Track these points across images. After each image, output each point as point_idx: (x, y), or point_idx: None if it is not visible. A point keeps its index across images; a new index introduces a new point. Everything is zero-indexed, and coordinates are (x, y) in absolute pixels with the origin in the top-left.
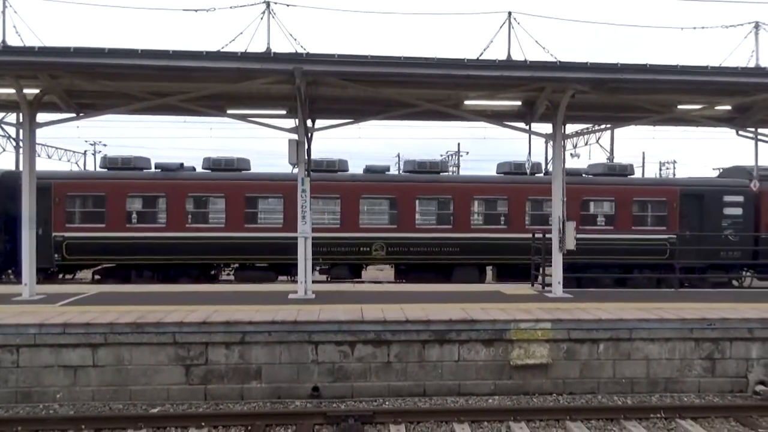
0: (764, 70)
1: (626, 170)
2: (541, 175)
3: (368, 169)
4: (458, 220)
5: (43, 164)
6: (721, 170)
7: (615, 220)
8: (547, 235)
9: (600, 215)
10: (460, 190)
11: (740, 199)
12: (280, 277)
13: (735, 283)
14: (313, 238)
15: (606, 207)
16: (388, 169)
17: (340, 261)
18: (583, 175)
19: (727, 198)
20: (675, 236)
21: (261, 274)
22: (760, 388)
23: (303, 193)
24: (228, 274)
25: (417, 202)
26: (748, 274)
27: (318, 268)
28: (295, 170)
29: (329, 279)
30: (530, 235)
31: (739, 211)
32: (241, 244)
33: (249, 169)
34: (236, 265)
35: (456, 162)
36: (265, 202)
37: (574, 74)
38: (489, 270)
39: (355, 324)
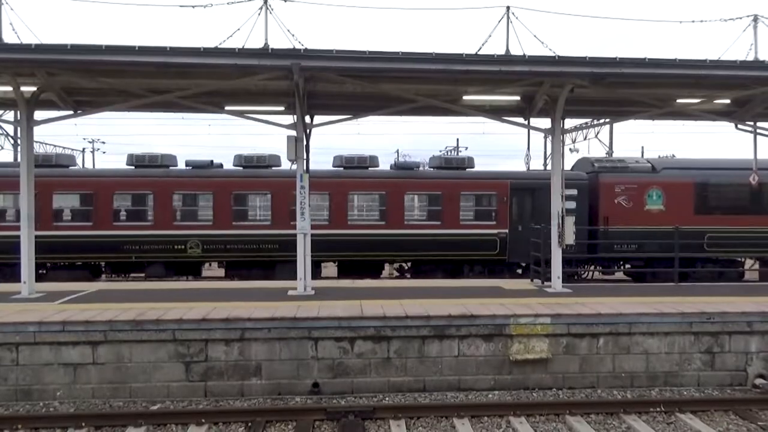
0: (763, 63)
1: (464, 163)
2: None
3: (188, 164)
4: (277, 216)
5: None
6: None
7: (442, 214)
8: (371, 232)
9: (424, 209)
10: (281, 186)
11: (573, 192)
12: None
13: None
14: (126, 237)
15: (433, 201)
16: (211, 164)
17: (155, 259)
18: (415, 168)
19: None
20: (506, 231)
21: (72, 273)
22: (759, 381)
23: (302, 189)
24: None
25: (232, 197)
26: (591, 268)
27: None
28: (102, 167)
29: (146, 278)
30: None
31: (572, 204)
32: (47, 243)
33: (74, 166)
34: (49, 265)
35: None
36: (73, 199)
37: (572, 69)
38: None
39: (355, 320)
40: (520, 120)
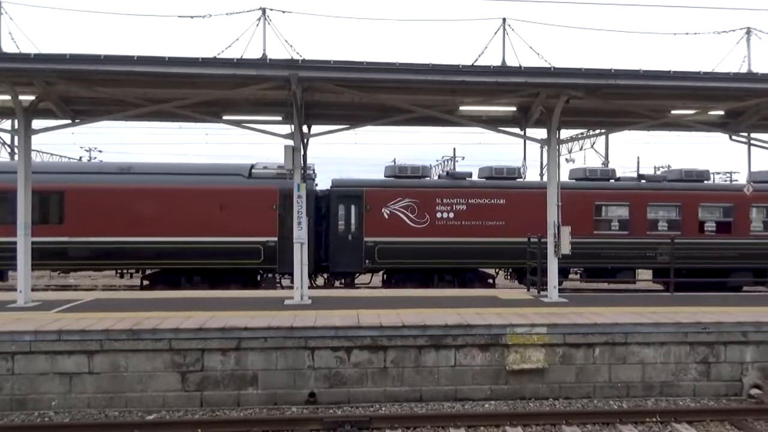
0: (756, 75)
1: None
2: None
3: None
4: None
5: None
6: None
7: None
8: None
9: None
10: None
11: None
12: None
13: None
14: None
15: None
16: None
17: None
18: None
19: None
20: None
21: None
22: (754, 391)
23: (299, 198)
24: None
25: None
26: None
27: None
28: None
29: None
30: None
31: None
32: None
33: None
34: None
35: (452, 166)
36: None
37: (568, 80)
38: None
39: (352, 329)
40: (517, 130)
